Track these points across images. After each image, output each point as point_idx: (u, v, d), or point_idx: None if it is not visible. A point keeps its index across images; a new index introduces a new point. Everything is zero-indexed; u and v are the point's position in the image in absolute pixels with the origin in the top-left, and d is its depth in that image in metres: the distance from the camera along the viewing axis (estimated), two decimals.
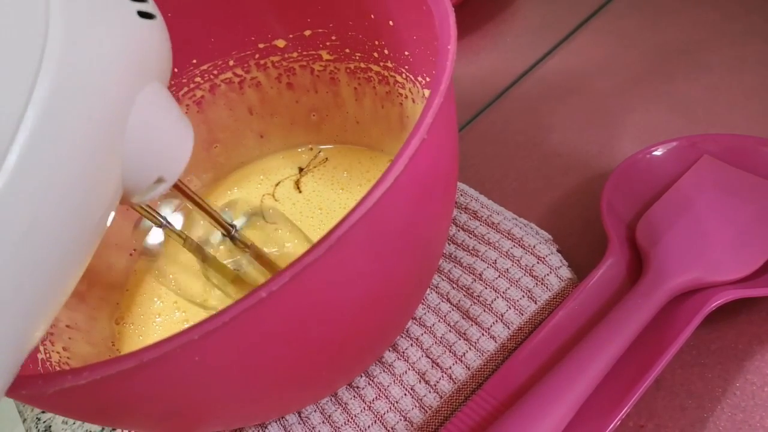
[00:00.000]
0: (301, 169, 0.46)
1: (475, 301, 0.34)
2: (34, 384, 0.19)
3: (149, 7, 0.20)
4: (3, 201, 0.14)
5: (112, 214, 0.20)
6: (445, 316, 0.35)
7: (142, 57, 0.19)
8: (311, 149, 0.47)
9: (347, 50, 0.40)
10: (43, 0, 0.16)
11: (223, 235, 0.33)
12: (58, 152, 0.16)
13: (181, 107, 0.42)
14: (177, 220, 0.36)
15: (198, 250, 0.34)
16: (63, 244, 0.17)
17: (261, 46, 0.42)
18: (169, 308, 0.40)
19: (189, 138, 0.23)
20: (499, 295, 0.34)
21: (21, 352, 0.17)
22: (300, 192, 0.44)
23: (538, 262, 0.35)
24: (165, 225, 0.33)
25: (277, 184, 0.45)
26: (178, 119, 0.22)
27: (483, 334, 0.33)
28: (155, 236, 0.37)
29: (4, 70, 0.14)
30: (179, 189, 0.28)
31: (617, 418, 0.27)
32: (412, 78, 0.37)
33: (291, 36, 0.41)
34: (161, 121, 0.21)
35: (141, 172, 0.20)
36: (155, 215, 0.32)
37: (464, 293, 0.35)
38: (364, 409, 0.32)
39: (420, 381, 0.33)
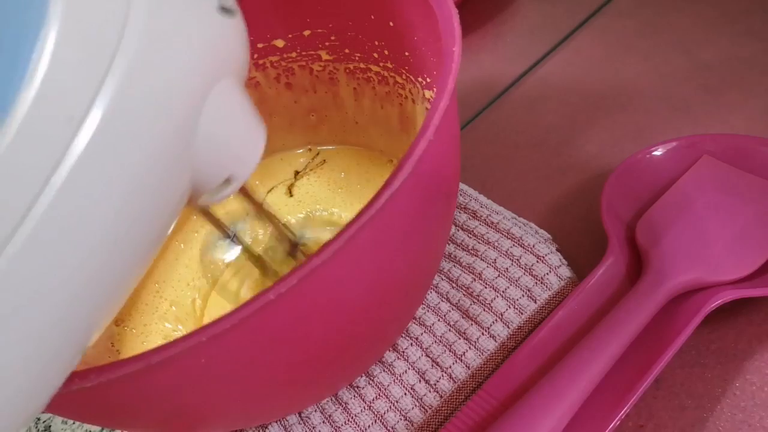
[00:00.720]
0: (297, 173, 0.46)
1: (475, 300, 0.34)
2: None
3: (229, 3, 0.20)
4: (72, 188, 0.14)
5: (177, 216, 0.19)
6: (444, 315, 0.35)
7: (219, 52, 0.19)
8: (310, 150, 0.47)
9: (347, 50, 0.40)
10: None
11: (288, 253, 0.33)
12: (129, 146, 0.15)
13: None
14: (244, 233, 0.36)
15: (261, 263, 0.34)
16: (131, 244, 0.17)
17: (260, 45, 0.42)
18: (169, 308, 0.40)
19: (261, 136, 0.23)
20: (498, 295, 0.34)
21: (70, 367, 0.17)
22: (291, 196, 0.44)
23: (537, 261, 0.35)
24: (232, 237, 0.32)
25: (269, 191, 0.45)
26: (251, 116, 0.22)
27: (483, 334, 0.33)
28: (226, 254, 0.37)
29: (82, 57, 0.14)
30: (246, 194, 0.27)
31: (617, 418, 0.27)
32: (413, 79, 0.37)
33: (290, 36, 0.41)
34: (233, 117, 0.20)
35: (210, 170, 0.20)
36: (223, 226, 0.32)
37: (464, 292, 0.35)
38: (365, 408, 0.32)
39: (420, 380, 0.33)
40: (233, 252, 0.37)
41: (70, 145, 0.14)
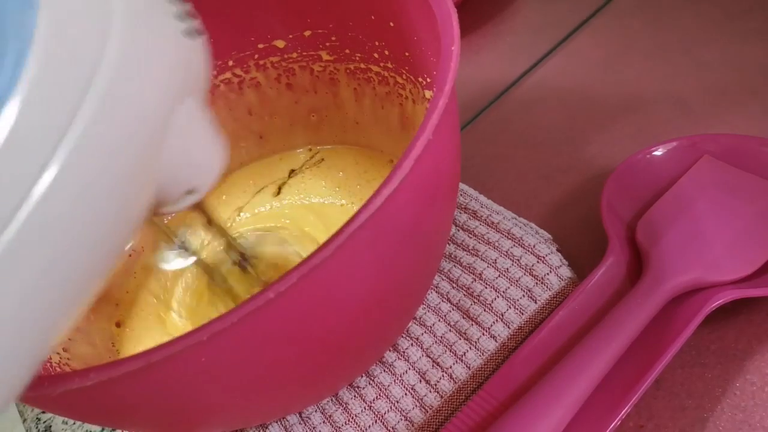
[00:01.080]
0: (292, 171, 0.46)
1: (475, 300, 0.34)
2: (39, 385, 0.19)
3: (195, 25, 0.21)
4: (46, 202, 0.15)
5: (141, 225, 0.20)
6: (445, 315, 0.35)
7: (184, 73, 0.20)
8: (310, 150, 0.47)
9: (347, 51, 0.40)
10: (107, 13, 0.16)
11: (234, 263, 0.33)
12: (101, 158, 0.16)
13: None
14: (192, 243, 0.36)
15: (210, 271, 0.35)
16: (95, 252, 0.17)
17: (260, 46, 0.42)
18: (168, 309, 0.40)
19: (223, 150, 0.24)
20: (499, 295, 0.34)
21: (35, 363, 0.17)
22: (279, 194, 0.44)
23: (538, 262, 0.35)
24: (180, 246, 0.33)
25: (259, 190, 0.45)
26: (212, 131, 0.23)
27: (483, 334, 0.33)
28: (173, 261, 0.37)
29: (66, 71, 0.15)
30: (200, 208, 0.28)
31: (617, 418, 0.27)
32: (413, 79, 0.37)
33: (291, 36, 0.41)
34: (197, 134, 0.21)
35: (174, 182, 0.21)
36: (172, 236, 0.33)
37: (464, 293, 0.35)
38: (365, 408, 0.32)
39: (420, 381, 0.33)
40: (182, 262, 0.38)
41: (48, 162, 0.15)
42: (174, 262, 0.38)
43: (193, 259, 0.34)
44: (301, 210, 0.43)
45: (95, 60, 0.16)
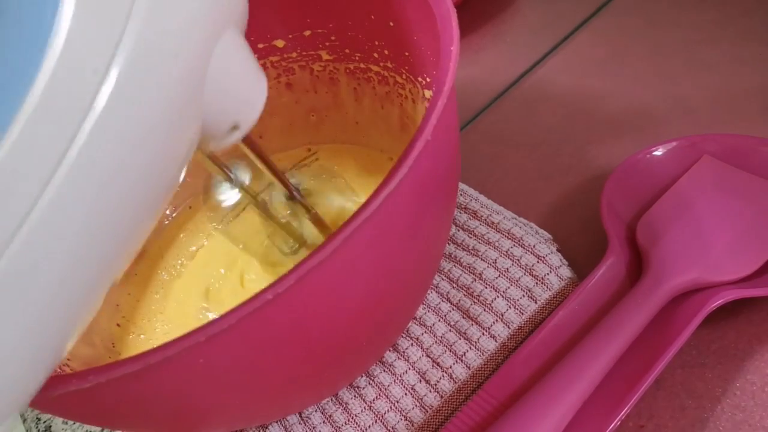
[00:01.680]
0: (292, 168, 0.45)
1: (475, 300, 0.34)
2: None
3: None
4: (90, 144, 0.15)
5: (188, 161, 0.20)
6: (445, 315, 0.35)
7: (224, 4, 0.20)
8: (309, 150, 0.47)
9: (347, 50, 0.40)
10: None
11: (287, 197, 0.34)
12: (145, 95, 0.16)
13: None
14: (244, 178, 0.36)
15: (265, 208, 0.35)
16: (143, 193, 0.17)
17: (260, 46, 0.42)
18: (168, 309, 0.40)
19: (263, 84, 0.24)
20: (499, 295, 0.34)
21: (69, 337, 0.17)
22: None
23: (538, 262, 0.35)
24: (236, 181, 0.33)
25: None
26: (253, 66, 0.23)
27: (483, 334, 0.33)
28: (227, 198, 0.37)
29: (102, 7, 0.15)
30: (249, 143, 0.28)
31: (617, 418, 0.27)
32: (412, 78, 0.37)
33: (290, 36, 0.41)
34: (239, 67, 0.21)
35: (218, 118, 0.21)
36: (227, 171, 0.33)
37: (464, 293, 0.35)
38: (365, 408, 0.32)
39: (420, 380, 0.33)
40: (233, 195, 0.38)
41: (97, 94, 0.15)
42: (226, 194, 0.38)
43: (240, 193, 0.34)
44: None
45: None
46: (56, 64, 0.14)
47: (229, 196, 0.37)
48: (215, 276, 0.41)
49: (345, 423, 0.32)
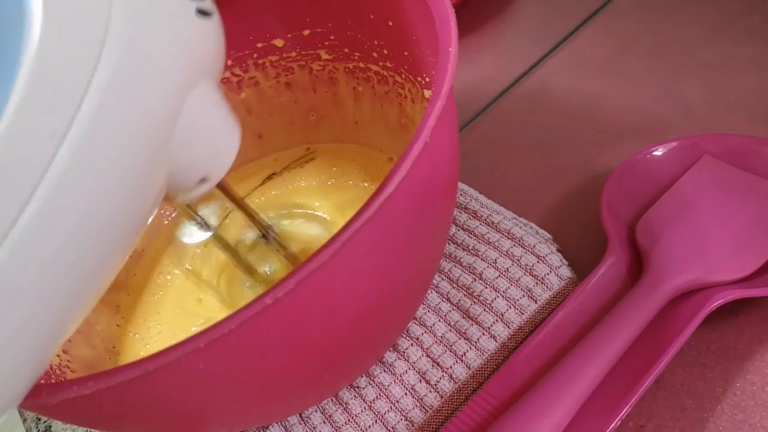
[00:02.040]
0: (272, 175, 0.45)
1: (475, 300, 0.34)
2: (38, 394, 0.19)
3: (207, 4, 0.20)
4: (54, 196, 0.14)
5: (154, 213, 0.20)
6: (445, 315, 0.35)
7: (197, 55, 0.19)
8: (308, 149, 0.47)
9: (346, 50, 0.40)
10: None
11: (261, 236, 0.33)
12: (110, 148, 0.15)
13: None
14: (213, 220, 0.36)
15: (230, 250, 0.34)
16: (105, 244, 0.17)
17: (259, 45, 0.42)
18: (166, 310, 0.40)
19: (236, 137, 0.23)
20: (499, 295, 0.34)
21: (45, 358, 0.17)
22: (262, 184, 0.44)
23: (538, 262, 0.35)
24: (203, 224, 0.33)
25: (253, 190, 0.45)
26: (226, 118, 0.22)
27: (483, 334, 0.33)
28: (192, 236, 0.37)
29: (65, 62, 0.14)
30: (221, 188, 0.27)
31: (617, 418, 0.27)
32: (412, 78, 0.36)
33: (289, 35, 0.41)
34: (210, 120, 0.21)
35: (186, 171, 0.20)
36: (194, 214, 0.32)
37: (464, 293, 0.35)
38: (365, 408, 0.32)
39: (420, 380, 0.33)
40: (202, 236, 0.38)
41: (55, 156, 0.14)
42: (194, 236, 0.38)
43: (210, 233, 0.34)
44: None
45: (98, 42, 0.15)
46: (6, 128, 0.13)
47: (195, 236, 0.37)
48: (214, 275, 0.41)
49: (345, 423, 0.32)
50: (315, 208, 0.42)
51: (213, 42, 0.21)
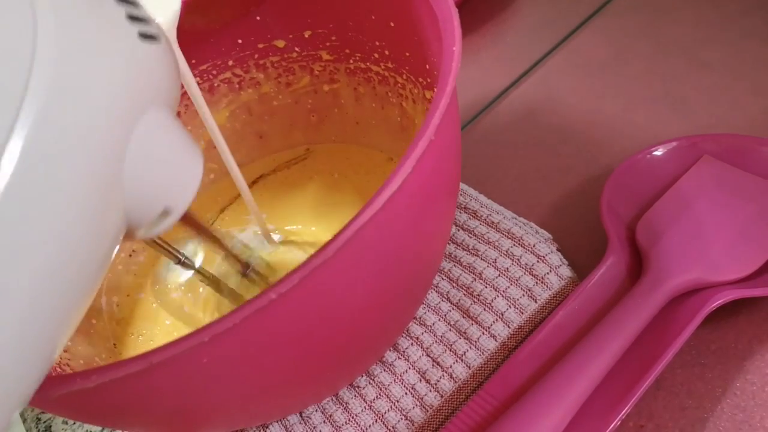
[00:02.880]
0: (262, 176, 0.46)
1: (475, 300, 0.34)
2: (40, 387, 0.19)
3: (152, 28, 0.19)
4: None
5: (116, 249, 0.18)
6: (445, 315, 0.35)
7: (143, 81, 0.18)
8: (308, 149, 0.47)
9: (347, 51, 0.40)
10: (30, 24, 0.14)
11: (239, 272, 0.33)
12: (50, 187, 0.14)
13: (179, 107, 0.42)
14: (196, 255, 0.36)
15: (217, 284, 0.34)
16: (63, 288, 0.16)
17: (260, 46, 0.42)
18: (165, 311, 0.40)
19: (197, 167, 0.22)
20: (499, 294, 0.34)
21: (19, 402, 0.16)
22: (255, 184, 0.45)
23: (537, 261, 0.35)
24: (183, 261, 0.32)
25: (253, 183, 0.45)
26: (184, 146, 0.21)
27: (483, 333, 0.33)
28: (178, 274, 0.37)
29: None
30: (189, 222, 0.26)
31: (617, 418, 0.27)
32: (413, 79, 0.37)
33: (291, 36, 0.41)
34: (164, 148, 0.19)
35: (144, 204, 0.19)
36: (172, 251, 0.31)
37: (464, 292, 0.35)
38: (365, 408, 0.32)
39: (420, 380, 0.33)
40: (185, 275, 0.37)
41: None
42: (176, 274, 0.38)
43: (192, 272, 0.34)
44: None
45: (22, 80, 0.14)
46: None
47: (178, 274, 0.36)
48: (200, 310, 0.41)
49: (345, 423, 0.32)
50: (310, 215, 0.42)
51: (161, 66, 0.19)
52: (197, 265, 0.33)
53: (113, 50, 0.17)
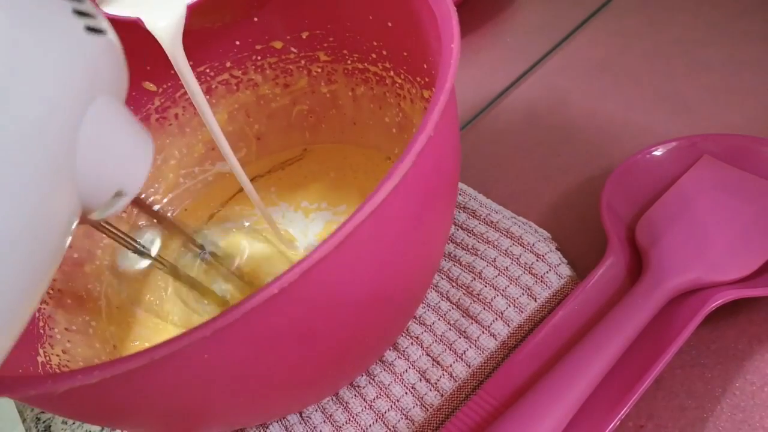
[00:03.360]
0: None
1: (475, 299, 0.34)
2: (43, 384, 0.19)
3: (98, 22, 0.20)
4: None
5: (71, 234, 0.19)
6: (444, 314, 0.35)
7: (89, 72, 0.19)
8: (305, 150, 0.47)
9: (345, 51, 0.40)
10: None
11: (197, 255, 0.33)
12: (2, 175, 0.15)
13: (178, 109, 0.42)
14: (154, 243, 0.36)
15: (175, 272, 0.34)
16: (16, 272, 0.16)
17: (258, 47, 0.42)
18: (164, 311, 0.40)
19: (148, 150, 0.23)
20: (498, 293, 0.34)
21: None
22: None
23: (537, 260, 0.35)
24: (139, 249, 0.33)
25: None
26: (133, 132, 0.22)
27: (483, 332, 0.33)
28: (134, 262, 0.37)
29: None
30: (140, 205, 0.27)
31: (617, 418, 0.27)
32: (411, 78, 0.37)
33: (288, 37, 0.41)
34: (114, 134, 0.20)
35: (97, 186, 0.20)
36: (129, 240, 0.32)
37: (464, 291, 0.35)
38: (365, 408, 0.32)
39: (420, 379, 0.33)
40: (144, 262, 0.38)
41: None
42: (132, 262, 0.38)
43: (149, 261, 0.34)
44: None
45: None
46: None
47: (134, 262, 0.37)
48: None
49: (345, 422, 0.32)
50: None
51: (108, 58, 0.20)
52: (153, 253, 0.34)
53: (59, 42, 0.18)
